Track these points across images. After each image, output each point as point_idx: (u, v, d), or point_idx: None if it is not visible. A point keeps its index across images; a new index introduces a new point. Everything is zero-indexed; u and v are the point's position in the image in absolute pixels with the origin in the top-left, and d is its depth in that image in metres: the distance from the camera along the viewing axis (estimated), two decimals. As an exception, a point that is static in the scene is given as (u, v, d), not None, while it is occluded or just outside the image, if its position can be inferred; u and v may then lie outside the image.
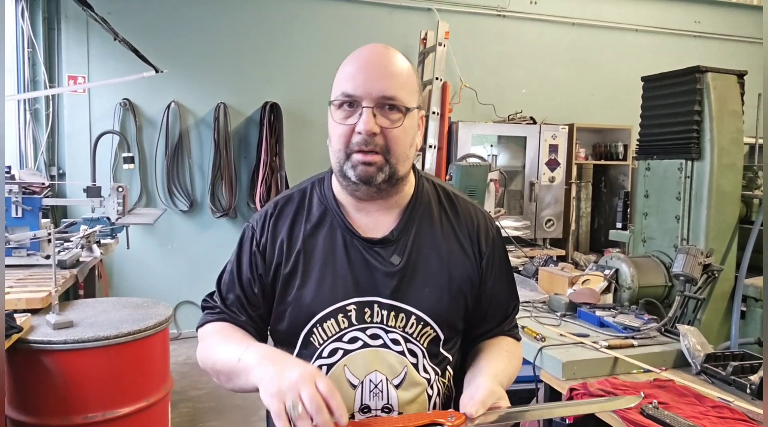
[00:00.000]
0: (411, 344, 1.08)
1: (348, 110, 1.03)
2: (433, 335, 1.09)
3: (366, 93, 1.01)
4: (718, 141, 2.43)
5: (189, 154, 5.14)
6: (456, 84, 5.64)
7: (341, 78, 1.05)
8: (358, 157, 1.02)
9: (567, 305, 2.39)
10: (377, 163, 1.02)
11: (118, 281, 5.05)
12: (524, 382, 2.52)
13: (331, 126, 1.07)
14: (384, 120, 1.02)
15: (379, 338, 1.07)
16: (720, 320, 2.44)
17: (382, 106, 1.02)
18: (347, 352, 1.07)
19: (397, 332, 1.07)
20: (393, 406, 1.06)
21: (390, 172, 1.04)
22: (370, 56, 1.06)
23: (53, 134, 4.87)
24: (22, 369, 2.20)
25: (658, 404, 1.58)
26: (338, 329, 1.07)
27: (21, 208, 2.76)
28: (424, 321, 1.08)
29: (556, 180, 5.55)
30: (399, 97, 1.03)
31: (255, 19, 5.25)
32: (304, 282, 1.09)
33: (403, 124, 1.03)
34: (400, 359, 1.07)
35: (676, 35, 6.51)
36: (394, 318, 1.07)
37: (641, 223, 2.77)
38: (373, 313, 1.07)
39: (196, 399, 3.77)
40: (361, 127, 1.00)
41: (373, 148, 1.01)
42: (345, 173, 1.05)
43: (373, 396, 1.05)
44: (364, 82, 1.01)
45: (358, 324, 1.07)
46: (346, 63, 1.07)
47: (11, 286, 2.47)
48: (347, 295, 1.07)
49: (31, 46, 4.64)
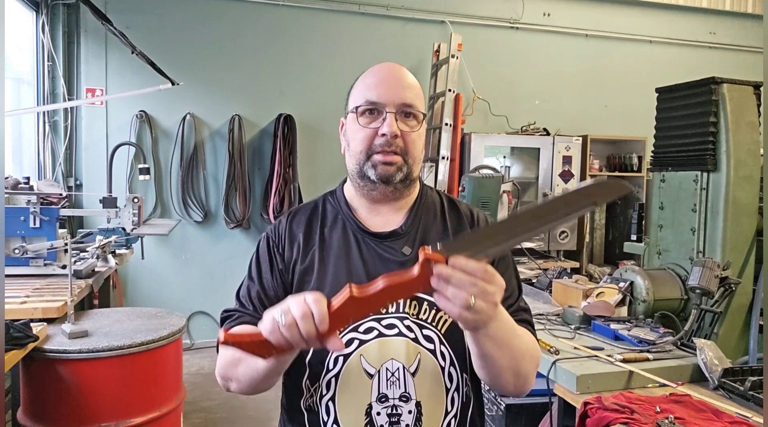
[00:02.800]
0: (427, 330, 1.09)
1: (371, 116, 1.13)
2: (450, 320, 1.10)
3: (389, 100, 1.11)
4: (735, 152, 2.40)
5: (204, 166, 5.20)
6: (469, 96, 5.66)
7: (363, 88, 1.15)
8: (378, 157, 1.11)
9: (581, 317, 2.37)
10: (397, 163, 1.12)
11: (133, 291, 5.09)
12: (538, 395, 2.50)
13: (352, 130, 1.15)
14: (403, 125, 1.12)
15: (394, 327, 1.08)
16: (738, 334, 2.40)
17: (402, 113, 1.12)
18: (363, 342, 1.08)
19: (412, 320, 1.09)
20: (410, 394, 1.07)
21: (407, 172, 1.13)
22: (389, 69, 1.17)
23: (71, 146, 4.95)
24: (38, 378, 2.22)
25: (674, 419, 1.56)
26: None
27: (39, 218, 2.80)
28: (437, 306, 1.09)
29: (570, 192, 5.51)
30: (416, 106, 1.14)
31: (270, 32, 5.31)
32: (320, 276, 1.14)
33: (419, 129, 1.15)
34: (413, 346, 1.08)
35: (691, 46, 6.48)
36: (409, 306, 1.10)
37: (656, 235, 2.75)
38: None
39: (209, 410, 3.77)
40: (386, 129, 1.10)
41: (394, 150, 1.11)
42: (365, 173, 1.13)
43: (390, 385, 1.07)
44: (386, 91, 1.12)
45: (373, 315, 1.09)
46: (366, 76, 1.17)
47: (28, 295, 2.50)
48: None
49: (51, 59, 4.74)
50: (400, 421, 1.06)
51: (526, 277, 3.64)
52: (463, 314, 0.84)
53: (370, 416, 1.06)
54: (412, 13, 5.62)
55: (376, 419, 1.06)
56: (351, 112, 1.15)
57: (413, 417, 1.06)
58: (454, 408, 1.10)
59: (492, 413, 2.66)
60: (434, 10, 5.68)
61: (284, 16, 5.33)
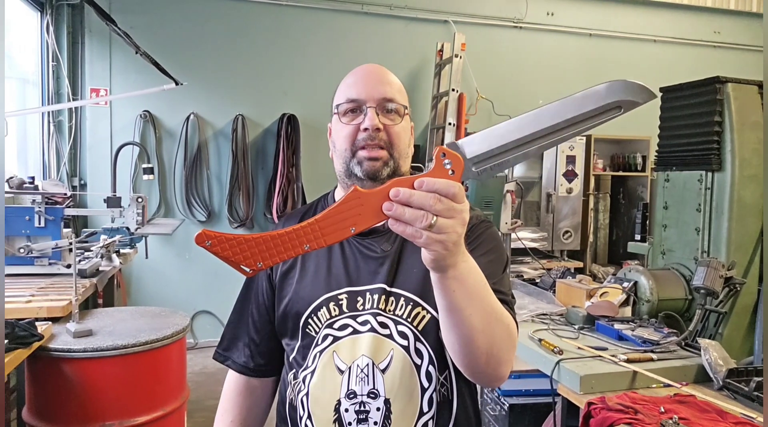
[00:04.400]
0: (402, 326, 1.08)
1: (352, 114, 1.13)
2: (429, 317, 1.08)
3: (369, 96, 1.12)
4: (739, 152, 2.39)
5: (207, 166, 5.21)
6: (472, 95, 5.65)
7: (344, 88, 1.16)
8: (363, 153, 1.10)
9: (585, 317, 2.36)
10: (383, 158, 1.10)
11: (137, 291, 5.10)
12: (542, 395, 2.50)
13: (336, 130, 1.16)
14: (385, 119, 1.12)
15: (368, 323, 1.08)
16: (743, 334, 2.40)
17: (383, 107, 1.12)
18: (336, 338, 1.09)
19: (387, 316, 1.08)
20: (379, 391, 1.05)
21: (394, 167, 1.12)
22: (368, 68, 1.18)
23: (75, 146, 4.97)
24: (43, 376, 2.23)
25: (678, 419, 1.55)
26: (329, 316, 1.10)
27: (44, 218, 2.81)
28: (414, 302, 1.09)
29: (574, 191, 5.51)
30: (397, 99, 1.14)
31: (273, 32, 5.32)
32: (301, 275, 1.16)
33: (402, 122, 1.14)
34: (387, 342, 1.07)
35: (695, 46, 6.46)
36: (385, 302, 1.09)
37: (660, 235, 2.74)
38: (365, 301, 1.10)
39: (212, 409, 3.76)
40: (367, 123, 1.10)
41: (378, 143, 1.10)
42: (351, 171, 1.12)
43: (359, 381, 1.06)
44: (365, 87, 1.13)
45: (349, 312, 1.10)
46: (347, 77, 1.18)
47: (33, 294, 2.50)
48: (339, 285, 1.12)
49: (56, 59, 4.75)
50: (368, 418, 1.05)
51: (529, 277, 3.64)
52: (426, 235, 0.76)
53: (339, 413, 1.05)
54: (415, 12, 5.62)
55: (344, 416, 1.05)
56: (334, 113, 1.16)
57: (382, 414, 1.05)
58: (431, 409, 1.07)
59: (495, 413, 2.66)
60: (437, 9, 5.68)
61: (287, 16, 5.33)
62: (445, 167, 0.78)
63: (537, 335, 2.19)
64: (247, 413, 1.27)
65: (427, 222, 0.75)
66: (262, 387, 1.27)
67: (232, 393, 1.27)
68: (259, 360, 1.24)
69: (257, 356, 1.24)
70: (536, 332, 2.25)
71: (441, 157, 0.78)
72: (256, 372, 1.25)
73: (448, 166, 0.78)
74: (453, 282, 0.84)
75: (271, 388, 1.29)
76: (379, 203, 0.77)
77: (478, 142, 0.81)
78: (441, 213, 0.75)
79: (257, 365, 1.24)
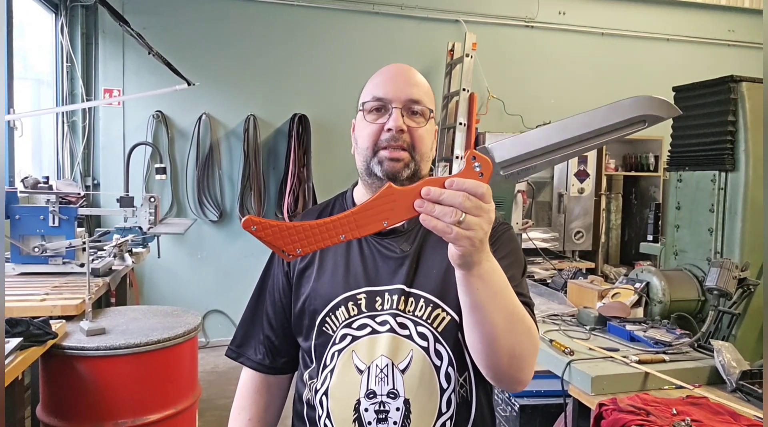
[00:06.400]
0: (421, 327, 1.08)
1: (377, 113, 1.13)
2: (449, 319, 1.09)
3: (395, 96, 1.12)
4: (754, 152, 2.37)
5: (219, 165, 5.24)
6: (483, 95, 5.63)
7: (372, 86, 1.16)
8: (385, 153, 1.11)
9: (596, 318, 2.35)
10: (404, 159, 1.11)
11: (149, 290, 5.14)
12: (553, 396, 2.49)
13: (360, 128, 1.16)
14: (410, 121, 1.12)
15: (387, 323, 1.08)
16: (756, 336, 2.37)
17: (409, 109, 1.12)
18: (355, 338, 1.09)
19: (406, 317, 1.08)
20: (399, 391, 1.06)
21: (414, 169, 1.12)
22: (397, 68, 1.18)
23: (89, 146, 5.02)
24: (56, 374, 2.25)
25: (691, 421, 1.54)
26: (348, 316, 1.10)
27: (58, 217, 2.84)
28: (434, 303, 1.09)
29: (586, 191, 5.47)
30: (423, 102, 1.14)
31: (284, 32, 5.34)
32: (319, 275, 1.16)
33: (426, 125, 1.14)
34: (406, 342, 1.07)
35: (710, 44, 6.39)
36: (404, 303, 1.09)
37: (673, 235, 2.72)
38: (383, 301, 1.10)
39: (224, 407, 3.80)
40: (391, 124, 1.10)
41: (401, 145, 1.10)
42: (372, 170, 1.12)
43: (378, 381, 1.06)
44: (393, 87, 1.13)
45: (368, 312, 1.10)
46: (375, 76, 1.18)
47: (47, 293, 2.54)
48: (358, 285, 1.12)
49: (70, 60, 4.81)
50: (387, 418, 1.05)
51: (541, 277, 3.62)
52: (456, 231, 0.79)
53: (359, 412, 1.06)
54: (426, 12, 5.62)
55: (364, 415, 1.06)
56: (359, 109, 1.16)
57: (401, 414, 1.05)
58: (450, 410, 1.08)
59: (506, 414, 2.65)
60: (449, 9, 5.67)
61: (299, 16, 5.35)
62: (475, 169, 0.83)
63: (548, 336, 2.18)
64: (265, 411, 1.27)
65: (456, 217, 0.79)
66: (277, 384, 1.28)
67: (248, 391, 1.27)
68: (274, 357, 1.25)
69: (272, 353, 1.24)
70: (547, 332, 2.24)
71: (471, 159, 0.83)
72: (271, 369, 1.25)
73: (478, 169, 0.83)
74: (477, 280, 0.87)
75: (286, 385, 1.29)
76: (411, 200, 0.82)
77: (508, 148, 0.85)
78: (469, 210, 0.79)
79: (272, 362, 1.25)
